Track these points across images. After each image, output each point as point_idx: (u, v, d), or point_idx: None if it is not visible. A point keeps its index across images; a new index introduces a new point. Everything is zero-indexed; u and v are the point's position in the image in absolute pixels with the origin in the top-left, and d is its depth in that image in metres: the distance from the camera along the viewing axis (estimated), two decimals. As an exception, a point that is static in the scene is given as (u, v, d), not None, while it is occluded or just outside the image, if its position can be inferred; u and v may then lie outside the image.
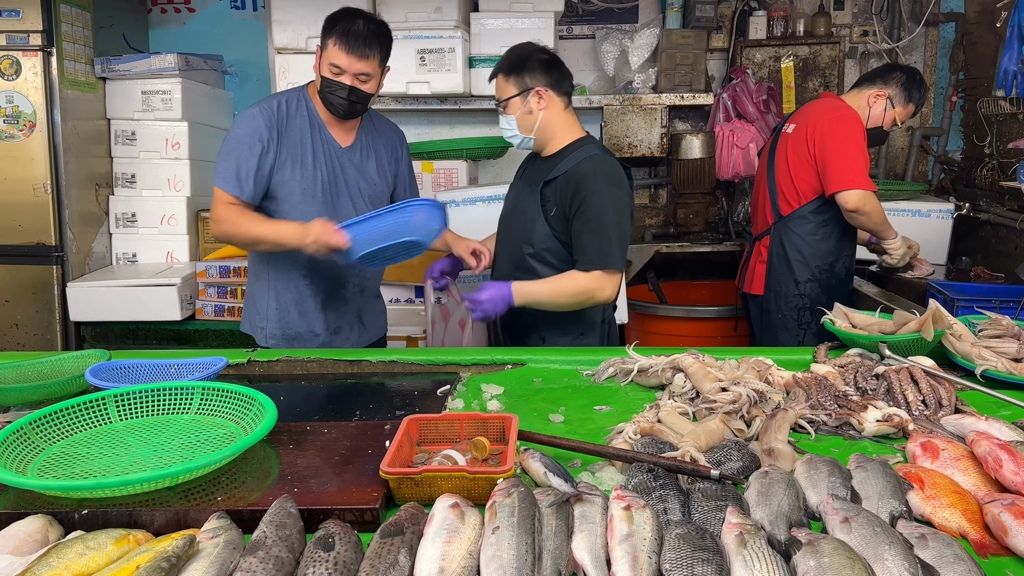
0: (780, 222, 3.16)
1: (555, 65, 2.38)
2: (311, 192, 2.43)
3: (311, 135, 2.45)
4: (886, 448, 1.59)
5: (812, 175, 3.04)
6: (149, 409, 1.66)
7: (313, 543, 1.18)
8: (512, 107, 2.37)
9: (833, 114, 3.04)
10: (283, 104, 2.45)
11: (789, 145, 3.14)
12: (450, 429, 1.59)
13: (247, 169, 2.37)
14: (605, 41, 4.40)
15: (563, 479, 1.34)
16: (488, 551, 1.14)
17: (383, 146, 2.60)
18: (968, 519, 1.24)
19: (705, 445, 1.51)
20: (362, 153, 2.53)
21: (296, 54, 4.01)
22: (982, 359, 1.95)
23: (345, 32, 2.30)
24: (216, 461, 1.37)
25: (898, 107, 3.12)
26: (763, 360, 1.99)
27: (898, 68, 3.21)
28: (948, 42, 4.45)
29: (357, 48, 2.30)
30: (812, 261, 3.11)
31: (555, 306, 2.38)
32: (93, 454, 1.50)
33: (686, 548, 1.12)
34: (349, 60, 2.31)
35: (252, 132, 2.37)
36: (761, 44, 4.31)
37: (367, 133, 2.56)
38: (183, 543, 1.13)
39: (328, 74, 2.35)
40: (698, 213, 4.28)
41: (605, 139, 4.19)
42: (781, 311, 3.14)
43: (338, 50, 2.31)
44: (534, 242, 2.39)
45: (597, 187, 2.28)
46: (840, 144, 2.94)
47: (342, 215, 2.39)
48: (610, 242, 2.29)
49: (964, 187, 4.19)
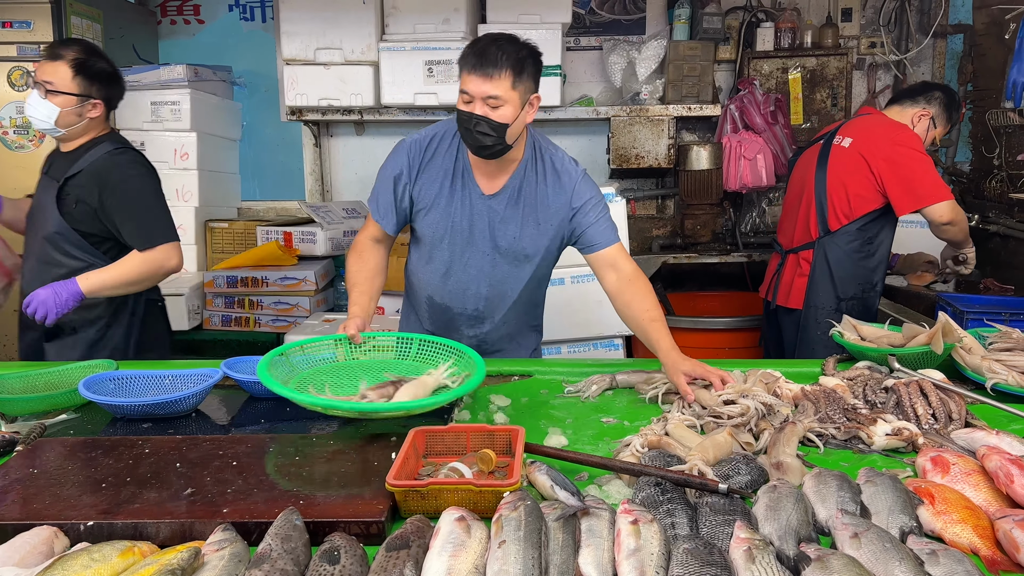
0: (826, 236, 3.08)
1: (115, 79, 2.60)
2: (440, 237, 2.26)
3: (452, 177, 2.22)
4: (896, 462, 1.58)
5: (871, 189, 2.98)
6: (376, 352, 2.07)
7: (318, 556, 1.17)
8: (60, 100, 2.49)
9: (896, 133, 3.00)
10: (435, 140, 2.24)
11: (846, 161, 3.06)
12: (456, 441, 1.59)
13: (386, 202, 2.27)
14: (612, 52, 4.41)
15: (570, 493, 1.34)
16: (494, 565, 1.13)
17: (537, 194, 2.21)
18: (979, 535, 1.23)
19: (713, 459, 1.50)
20: (508, 203, 2.21)
21: (305, 65, 4.03)
22: (992, 372, 1.94)
23: (470, 52, 2.04)
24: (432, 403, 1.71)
25: (939, 127, 3.11)
26: (771, 372, 1.98)
27: (937, 87, 3.18)
28: (956, 54, 4.44)
29: (480, 67, 2.00)
30: (856, 278, 3.07)
31: (128, 286, 2.53)
32: (335, 382, 1.91)
33: (694, 563, 1.11)
34: (472, 81, 2.01)
35: (392, 166, 2.26)
36: (768, 55, 4.31)
37: (522, 181, 2.21)
38: (188, 555, 1.13)
39: (461, 105, 2.06)
40: (705, 224, 4.27)
41: (612, 150, 4.20)
42: (821, 328, 3.04)
43: (464, 74, 2.04)
44: (52, 233, 2.52)
45: (125, 176, 2.50)
46: (913, 163, 2.91)
47: (473, 266, 2.26)
48: (157, 218, 2.56)
49: (973, 199, 4.17)
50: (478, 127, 2.03)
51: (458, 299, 2.31)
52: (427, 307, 2.38)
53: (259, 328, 3.85)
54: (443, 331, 2.33)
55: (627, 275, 2.20)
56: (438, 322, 2.37)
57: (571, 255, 2.51)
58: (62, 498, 1.38)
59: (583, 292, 3.29)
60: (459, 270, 2.28)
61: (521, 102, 2.05)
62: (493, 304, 2.31)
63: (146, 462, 1.52)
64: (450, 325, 2.36)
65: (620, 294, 2.20)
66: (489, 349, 2.36)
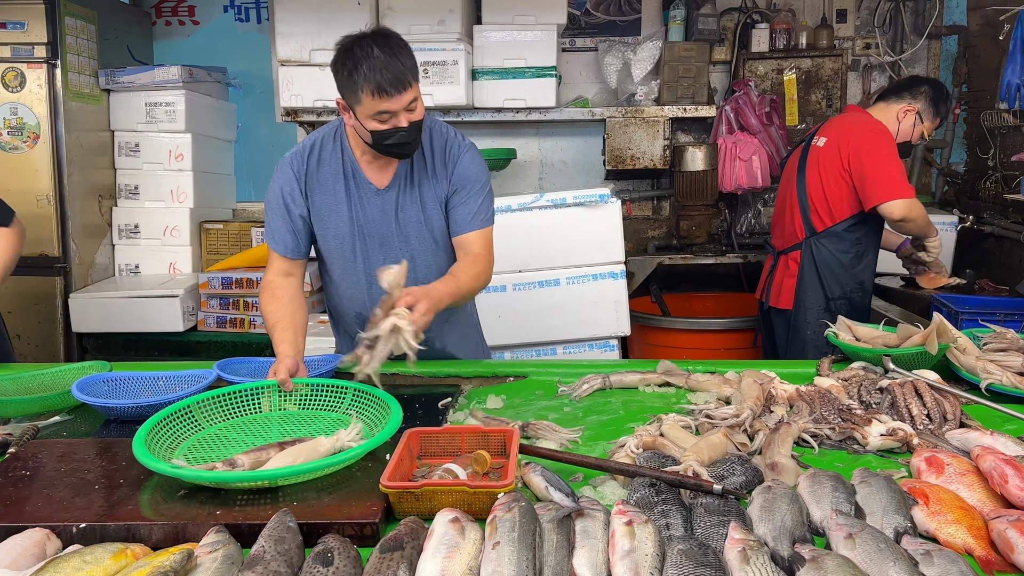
0: (812, 237, 3.11)
1: None
2: (351, 246, 2.21)
3: (344, 179, 2.18)
4: (890, 463, 1.58)
5: (847, 192, 3.01)
6: (305, 402, 1.84)
7: (312, 558, 1.17)
8: None
9: (864, 129, 3.03)
10: (316, 146, 2.20)
11: (821, 159, 3.09)
12: (451, 442, 1.58)
13: (282, 228, 2.21)
14: (608, 53, 4.41)
15: (565, 494, 1.33)
16: (488, 567, 1.13)
17: (427, 176, 2.20)
18: (973, 535, 1.23)
19: (708, 459, 1.50)
20: (402, 191, 2.18)
21: (300, 66, 4.02)
22: (987, 373, 1.94)
23: (372, 74, 1.95)
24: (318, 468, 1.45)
25: (926, 121, 3.12)
26: (766, 373, 1.98)
27: (924, 81, 3.19)
28: (951, 55, 4.45)
29: (396, 85, 1.96)
30: (844, 278, 3.09)
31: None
32: (240, 440, 1.68)
33: (688, 564, 1.10)
34: (390, 102, 1.97)
35: (278, 187, 2.20)
36: (764, 56, 4.31)
37: (410, 165, 2.18)
38: (181, 557, 1.13)
39: (377, 125, 2.00)
40: (701, 225, 4.27)
41: (608, 151, 4.20)
42: (812, 327, 3.09)
43: (379, 100, 1.96)
44: None
45: None
46: (875, 158, 2.94)
47: (386, 261, 2.09)
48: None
49: (968, 199, 4.18)
50: (412, 136, 2.03)
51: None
52: (358, 324, 2.22)
53: (253, 330, 3.83)
54: None
55: (473, 255, 2.17)
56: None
57: (564, 257, 2.53)
58: (54, 500, 1.37)
59: (579, 293, 3.29)
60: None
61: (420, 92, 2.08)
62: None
63: (139, 464, 1.51)
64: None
65: (456, 263, 2.19)
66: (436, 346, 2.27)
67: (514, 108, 4.07)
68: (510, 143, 4.51)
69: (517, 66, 3.99)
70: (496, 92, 4.01)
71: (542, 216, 3.03)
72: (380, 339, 1.72)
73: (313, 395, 1.85)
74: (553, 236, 3.05)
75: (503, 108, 4.06)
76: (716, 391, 1.94)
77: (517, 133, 4.58)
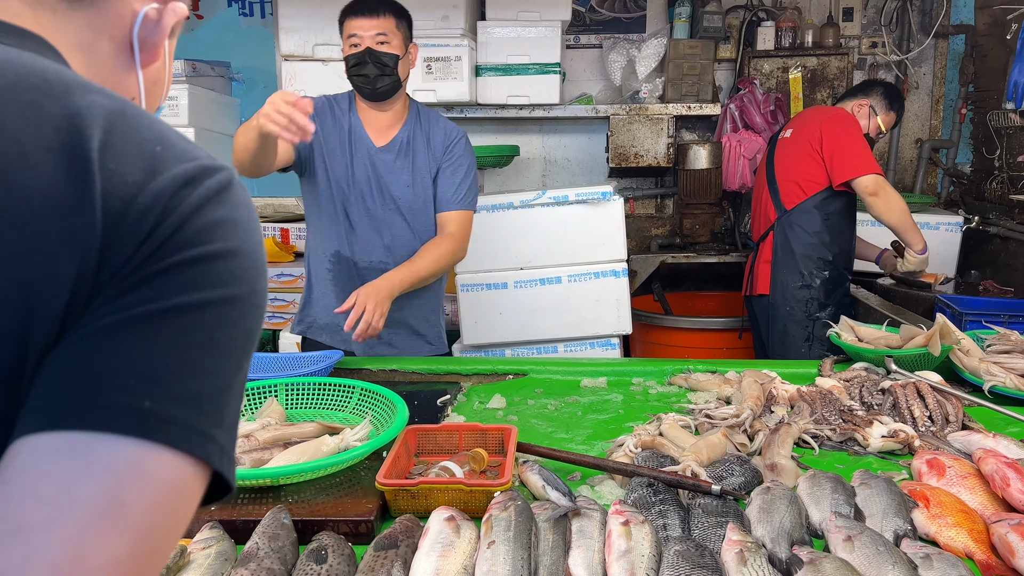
0: (783, 217, 3.21)
1: None
2: (342, 189, 2.36)
3: (348, 133, 2.36)
4: (891, 465, 1.57)
5: (817, 168, 3.12)
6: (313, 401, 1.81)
7: (306, 555, 1.16)
8: None
9: (829, 113, 3.20)
10: (329, 102, 2.40)
11: (790, 147, 3.23)
12: (449, 440, 1.57)
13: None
14: (612, 51, 4.39)
15: (561, 493, 1.32)
16: (483, 566, 1.12)
17: (424, 147, 2.40)
18: (974, 539, 1.21)
19: (707, 459, 1.49)
20: (398, 155, 2.38)
21: (303, 61, 4.01)
22: (990, 375, 1.92)
23: (352, 2, 2.27)
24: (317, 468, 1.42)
25: (880, 114, 3.25)
26: (767, 373, 1.97)
27: (877, 83, 3.43)
28: (958, 54, 4.42)
29: (366, 9, 2.24)
30: (817, 252, 3.17)
31: None
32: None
33: (685, 565, 1.09)
34: (361, 22, 2.24)
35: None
36: (769, 55, 4.29)
37: (409, 132, 2.40)
38: (173, 553, 1.12)
39: (349, 50, 2.27)
40: (704, 224, 4.25)
41: (611, 148, 4.18)
42: (789, 304, 3.18)
43: (349, 21, 2.26)
44: None
45: None
46: (842, 136, 3.07)
47: (376, 217, 2.36)
48: None
49: (973, 200, 4.15)
50: (375, 60, 2.23)
51: (364, 251, 2.37)
52: (332, 264, 2.41)
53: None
54: (347, 291, 2.27)
55: (447, 233, 2.37)
56: (342, 280, 2.39)
57: (566, 255, 2.51)
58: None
59: (580, 291, 3.27)
60: (364, 222, 2.35)
61: (404, 44, 2.30)
62: (397, 255, 2.35)
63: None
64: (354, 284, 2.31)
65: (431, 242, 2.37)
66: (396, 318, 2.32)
67: (517, 104, 4.05)
68: (513, 140, 4.49)
69: (521, 62, 3.97)
70: (499, 88, 4.00)
71: (544, 213, 3.02)
72: None
73: (320, 395, 1.82)
74: (555, 233, 3.03)
75: (506, 104, 4.05)
76: (716, 391, 1.93)
77: (520, 130, 4.56)
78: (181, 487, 0.53)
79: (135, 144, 0.57)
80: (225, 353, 0.57)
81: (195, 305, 0.55)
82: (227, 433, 0.57)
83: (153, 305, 0.54)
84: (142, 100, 0.76)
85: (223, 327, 0.57)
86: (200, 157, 0.59)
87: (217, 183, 0.58)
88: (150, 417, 0.52)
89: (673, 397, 1.97)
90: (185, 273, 0.55)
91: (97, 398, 0.51)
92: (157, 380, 0.53)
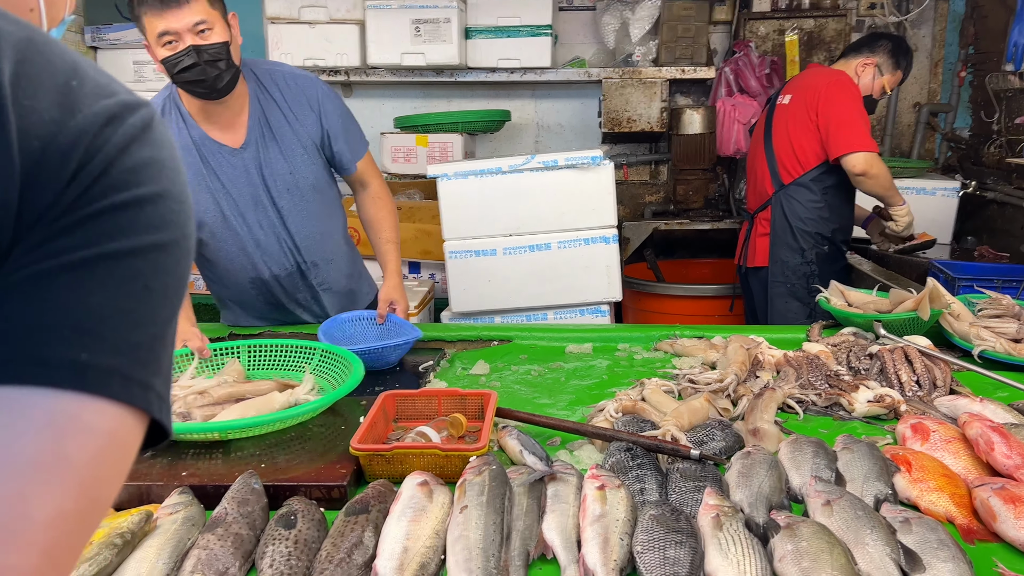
0: (781, 191, 3.14)
1: None
2: (219, 216, 2.06)
3: (195, 150, 2.00)
4: (876, 429, 1.55)
5: (814, 141, 3.04)
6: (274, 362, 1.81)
7: (275, 520, 1.14)
8: None
9: (829, 79, 3.06)
10: (163, 112, 2.03)
11: (788, 115, 3.13)
12: (428, 406, 1.55)
13: None
14: (606, 13, 4.30)
15: (538, 457, 1.30)
16: (455, 530, 1.10)
17: (287, 124, 2.05)
18: (956, 503, 1.20)
19: (688, 424, 1.47)
20: (261, 145, 2.03)
21: (289, 23, 3.94)
22: (980, 339, 1.90)
23: None
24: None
25: (887, 75, 3.13)
26: (753, 338, 1.94)
27: (884, 36, 3.23)
28: (958, 15, 4.34)
29: (168, 1, 1.80)
30: (815, 228, 3.11)
31: None
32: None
33: (659, 530, 1.08)
34: (170, 16, 1.79)
35: None
36: (765, 17, 4.20)
37: (259, 113, 2.03)
38: (139, 519, 1.10)
39: (165, 52, 1.83)
40: (698, 190, 4.20)
41: (604, 113, 4.11)
42: (789, 280, 3.14)
43: (152, 16, 1.80)
44: None
45: None
46: (840, 108, 2.95)
47: (267, 224, 2.08)
48: None
49: (971, 165, 4.10)
50: (205, 58, 1.83)
51: (277, 263, 2.12)
52: (256, 290, 2.17)
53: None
54: (280, 309, 2.21)
55: (374, 192, 2.25)
56: (273, 298, 2.20)
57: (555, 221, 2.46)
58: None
59: (569, 257, 3.23)
60: (262, 235, 2.08)
61: (224, 20, 1.88)
62: (310, 248, 2.14)
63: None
64: (288, 297, 2.20)
65: (366, 209, 2.26)
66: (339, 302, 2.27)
67: (508, 68, 3.98)
68: (504, 105, 4.42)
69: (512, 24, 3.89)
70: (490, 51, 3.93)
71: (533, 179, 2.96)
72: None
73: (281, 355, 1.81)
74: (544, 199, 2.98)
75: (497, 68, 3.98)
76: (702, 356, 1.91)
77: (512, 94, 4.49)
78: (122, 437, 0.52)
79: (48, 77, 0.53)
80: (160, 300, 0.54)
81: (128, 252, 0.52)
82: (164, 381, 0.55)
83: (84, 252, 0.51)
84: (41, 9, 0.71)
85: (157, 274, 0.54)
86: (119, 92, 0.55)
87: (140, 121, 0.54)
88: (89, 369, 0.50)
89: (658, 363, 1.94)
90: (116, 218, 0.52)
91: (33, 351, 0.49)
92: (93, 331, 0.50)
